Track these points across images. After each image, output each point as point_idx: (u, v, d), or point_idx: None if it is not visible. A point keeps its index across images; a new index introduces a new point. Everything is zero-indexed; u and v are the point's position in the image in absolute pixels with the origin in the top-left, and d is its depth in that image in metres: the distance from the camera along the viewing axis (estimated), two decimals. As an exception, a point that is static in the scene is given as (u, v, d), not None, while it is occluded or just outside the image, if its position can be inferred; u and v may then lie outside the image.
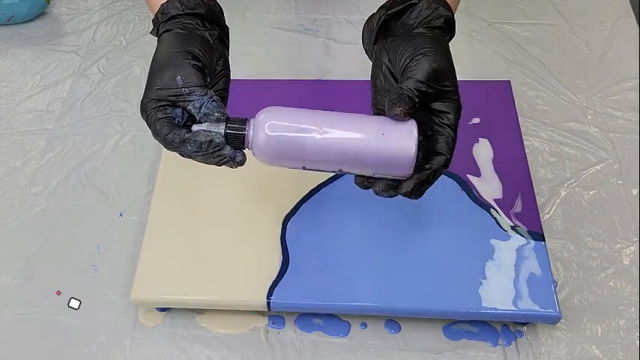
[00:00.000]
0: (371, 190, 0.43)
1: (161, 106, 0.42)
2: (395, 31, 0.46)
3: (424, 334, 0.54)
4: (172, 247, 0.56)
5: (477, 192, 0.58)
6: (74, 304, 0.57)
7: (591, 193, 0.62)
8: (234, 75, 0.75)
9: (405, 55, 0.43)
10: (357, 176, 0.44)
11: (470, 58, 0.75)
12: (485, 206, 0.57)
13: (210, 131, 0.42)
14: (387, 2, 0.47)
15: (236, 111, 0.66)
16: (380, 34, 0.47)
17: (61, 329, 0.56)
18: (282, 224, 0.57)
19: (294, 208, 0.58)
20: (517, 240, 0.55)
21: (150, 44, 0.79)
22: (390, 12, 0.46)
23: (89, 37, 0.81)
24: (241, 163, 0.43)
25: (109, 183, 0.65)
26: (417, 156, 0.41)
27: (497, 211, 0.57)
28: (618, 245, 0.58)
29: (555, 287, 0.53)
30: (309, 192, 0.59)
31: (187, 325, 0.55)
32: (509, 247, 0.54)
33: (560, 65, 0.74)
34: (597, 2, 0.81)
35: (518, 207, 0.57)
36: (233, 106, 0.66)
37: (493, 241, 0.55)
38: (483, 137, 0.62)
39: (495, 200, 0.58)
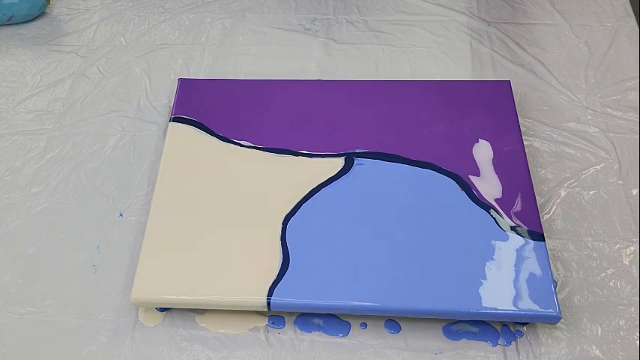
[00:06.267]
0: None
1: None
2: None
3: (424, 334, 0.54)
4: (172, 247, 0.56)
5: (477, 192, 0.58)
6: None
7: (591, 193, 0.62)
8: (234, 75, 0.75)
9: None
10: None
11: (470, 58, 0.75)
12: (485, 206, 0.57)
13: None
14: None
15: (236, 111, 0.66)
16: None
17: (61, 329, 0.56)
18: (282, 224, 0.57)
19: (294, 208, 0.58)
20: (517, 240, 0.55)
21: (150, 44, 0.79)
22: None
23: (89, 37, 0.81)
24: None
25: (109, 183, 0.65)
26: None
27: (497, 211, 0.57)
28: (618, 245, 0.58)
29: (555, 287, 0.53)
30: (309, 192, 0.59)
31: (187, 325, 0.55)
32: (509, 247, 0.54)
33: (560, 65, 0.74)
34: (597, 2, 0.81)
35: (518, 207, 0.57)
36: (233, 106, 0.67)
37: (493, 241, 0.55)
38: (483, 137, 0.62)
39: (495, 200, 0.58)
